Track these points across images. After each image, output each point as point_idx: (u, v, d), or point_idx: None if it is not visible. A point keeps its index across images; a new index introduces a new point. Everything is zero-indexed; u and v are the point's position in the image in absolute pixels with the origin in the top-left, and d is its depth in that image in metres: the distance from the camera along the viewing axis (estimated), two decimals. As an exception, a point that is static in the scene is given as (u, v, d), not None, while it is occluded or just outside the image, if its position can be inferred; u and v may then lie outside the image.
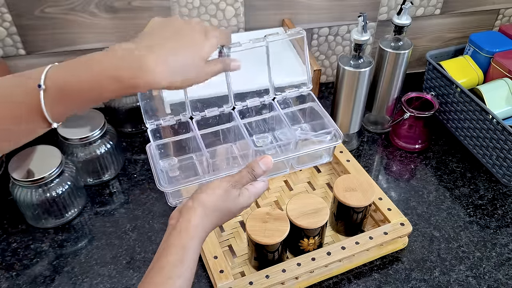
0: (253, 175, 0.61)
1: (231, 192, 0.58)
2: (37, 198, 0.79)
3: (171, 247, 0.54)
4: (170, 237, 0.55)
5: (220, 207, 0.58)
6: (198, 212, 0.56)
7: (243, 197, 0.60)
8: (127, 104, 0.98)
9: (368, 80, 0.90)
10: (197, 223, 0.55)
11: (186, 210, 0.56)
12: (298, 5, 1.04)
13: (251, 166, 0.61)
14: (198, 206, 0.56)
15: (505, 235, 0.83)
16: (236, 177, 0.60)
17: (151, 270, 0.53)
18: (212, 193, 0.58)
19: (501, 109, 0.94)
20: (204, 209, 0.56)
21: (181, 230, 0.55)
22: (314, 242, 0.75)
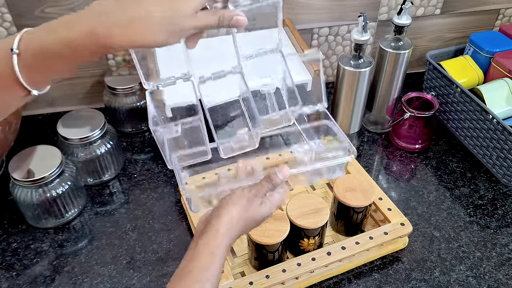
0: (272, 185, 0.63)
1: (253, 201, 0.61)
2: (37, 198, 0.78)
3: (200, 252, 0.56)
4: (199, 244, 0.57)
5: (245, 216, 0.60)
6: (225, 221, 0.58)
7: (265, 206, 0.61)
8: (127, 104, 0.98)
9: (368, 80, 0.90)
10: (224, 232, 0.57)
11: (214, 219, 0.58)
12: (298, 5, 1.04)
13: (269, 176, 0.63)
14: (225, 215, 0.58)
15: (505, 235, 0.83)
16: (257, 186, 0.62)
17: (179, 273, 0.55)
18: (237, 202, 0.60)
19: (501, 109, 0.94)
20: (231, 218, 0.58)
21: (209, 238, 0.57)
22: (314, 242, 0.75)
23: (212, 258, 0.55)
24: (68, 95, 1.07)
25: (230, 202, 0.60)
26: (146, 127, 1.04)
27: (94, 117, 0.88)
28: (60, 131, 0.85)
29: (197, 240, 0.58)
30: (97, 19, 0.46)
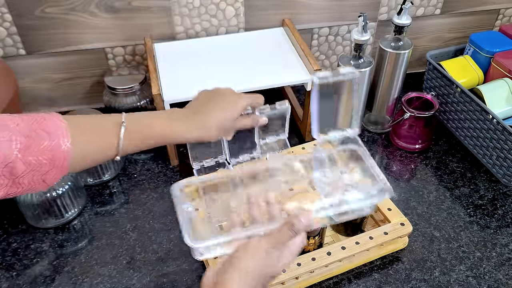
0: (294, 232, 0.54)
1: (272, 254, 0.53)
2: (37, 198, 0.78)
3: None
4: None
5: (261, 272, 0.52)
6: (236, 280, 0.50)
7: (285, 258, 0.54)
8: (127, 104, 0.98)
9: (368, 80, 0.90)
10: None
11: (222, 279, 0.51)
12: (298, 5, 1.04)
13: (291, 222, 0.54)
14: (237, 275, 0.51)
15: (505, 235, 0.83)
16: (276, 235, 0.54)
17: None
18: (251, 257, 0.52)
19: (501, 109, 0.94)
20: (244, 277, 0.51)
21: None
22: (314, 242, 0.75)
23: None
24: (68, 95, 1.07)
25: (244, 258, 0.52)
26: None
27: (94, 117, 0.87)
28: (60, 131, 0.85)
29: None
30: (180, 125, 0.64)
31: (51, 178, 0.58)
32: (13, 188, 0.56)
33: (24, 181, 0.56)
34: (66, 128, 0.57)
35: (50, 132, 0.56)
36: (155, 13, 0.98)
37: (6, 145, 0.53)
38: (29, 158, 0.54)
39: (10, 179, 0.54)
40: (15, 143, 0.53)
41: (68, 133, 0.57)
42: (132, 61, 1.05)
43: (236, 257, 0.52)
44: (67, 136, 0.57)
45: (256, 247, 0.53)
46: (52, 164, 0.56)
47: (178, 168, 0.95)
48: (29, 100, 1.05)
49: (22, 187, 0.56)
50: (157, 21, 0.99)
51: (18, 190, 0.56)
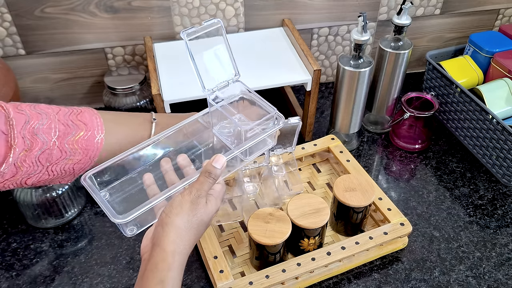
0: (212, 178, 0.57)
1: (198, 203, 0.55)
2: (37, 198, 0.79)
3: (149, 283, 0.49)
4: (147, 272, 0.50)
5: (193, 222, 0.54)
6: (173, 236, 0.51)
7: (211, 203, 0.56)
8: (127, 104, 0.98)
9: (368, 80, 0.90)
10: (174, 249, 0.51)
11: (157, 238, 0.52)
12: (298, 5, 1.04)
13: (207, 170, 0.57)
14: (171, 230, 0.52)
15: (505, 235, 0.83)
16: (196, 185, 0.56)
17: None
18: (180, 211, 0.53)
19: (501, 109, 0.94)
20: (177, 231, 0.52)
21: (157, 262, 0.50)
22: (314, 242, 0.75)
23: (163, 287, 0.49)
24: (68, 95, 1.07)
25: (172, 213, 0.53)
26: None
27: (94, 117, 0.88)
28: (60, 131, 0.85)
29: (144, 267, 0.51)
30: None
31: (80, 168, 0.60)
32: (45, 176, 0.58)
33: (56, 169, 0.58)
34: (101, 121, 0.61)
35: (86, 123, 0.60)
36: (155, 13, 0.98)
37: (46, 132, 0.56)
38: (65, 145, 0.57)
39: (45, 166, 0.57)
40: (54, 131, 0.57)
41: (103, 126, 0.60)
42: (132, 61, 1.05)
43: (165, 215, 0.53)
44: (102, 128, 0.60)
45: (181, 201, 0.54)
46: (85, 153, 0.59)
47: (178, 168, 0.95)
48: (29, 100, 1.04)
49: (53, 175, 0.59)
50: (157, 21, 0.99)
51: (48, 178, 0.59)
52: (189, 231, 0.53)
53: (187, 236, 0.53)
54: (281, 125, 0.64)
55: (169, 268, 0.50)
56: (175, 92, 0.86)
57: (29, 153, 0.55)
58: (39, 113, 0.58)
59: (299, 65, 0.94)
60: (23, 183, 0.58)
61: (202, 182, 0.56)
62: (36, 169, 0.56)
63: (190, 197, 0.55)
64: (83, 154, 0.59)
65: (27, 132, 0.55)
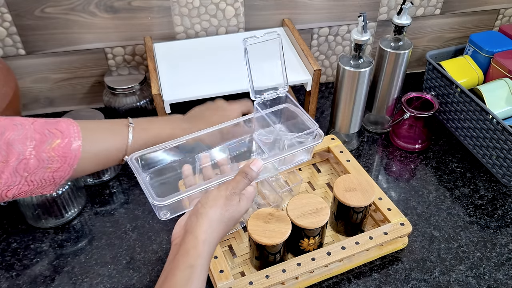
0: (248, 179, 0.60)
1: (232, 199, 0.58)
2: (37, 198, 0.78)
3: (179, 267, 0.52)
4: (178, 256, 0.53)
5: (225, 217, 0.57)
6: (205, 227, 0.55)
7: (243, 203, 0.60)
8: (127, 104, 0.98)
9: (368, 80, 0.90)
10: (205, 239, 0.54)
11: (191, 226, 0.55)
12: (298, 5, 1.04)
13: (244, 171, 0.60)
14: (204, 221, 0.55)
15: (505, 235, 0.83)
16: (233, 183, 0.59)
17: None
18: (214, 204, 0.57)
19: (501, 109, 0.94)
20: (210, 222, 0.55)
21: (188, 248, 0.53)
22: (314, 242, 0.75)
23: (192, 272, 0.52)
24: (68, 95, 1.07)
25: (207, 205, 0.56)
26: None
27: (94, 117, 0.88)
28: (60, 131, 0.85)
29: (175, 252, 0.54)
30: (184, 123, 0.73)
31: (60, 176, 0.61)
32: (25, 186, 0.59)
33: (35, 178, 0.59)
34: (78, 128, 0.61)
35: (63, 131, 0.60)
36: (155, 13, 0.98)
37: (21, 142, 0.57)
38: (42, 154, 0.58)
39: (23, 176, 0.57)
40: (29, 140, 0.58)
41: (79, 133, 0.61)
42: (132, 61, 1.05)
43: (201, 206, 0.57)
44: (79, 135, 0.61)
45: (217, 195, 0.58)
46: (64, 160, 0.60)
47: (178, 168, 0.95)
48: (29, 100, 1.05)
49: (33, 185, 0.59)
50: (157, 21, 0.99)
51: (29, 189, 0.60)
52: (220, 224, 0.56)
53: (218, 228, 0.56)
54: (320, 141, 0.67)
55: (199, 255, 0.53)
56: (175, 92, 0.86)
57: (5, 164, 0.56)
58: (15, 125, 0.58)
59: (299, 65, 0.94)
60: (3, 196, 0.58)
61: (238, 181, 0.60)
62: (15, 180, 0.57)
63: (226, 193, 0.58)
64: (61, 161, 0.60)
65: (2, 143, 0.56)
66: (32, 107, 1.07)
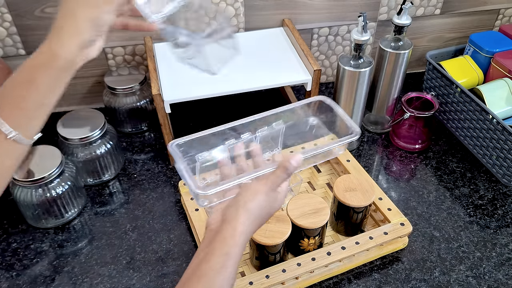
0: (287, 174, 0.59)
1: (271, 195, 0.58)
2: (37, 198, 0.78)
3: (214, 253, 0.52)
4: (214, 243, 0.53)
5: (262, 212, 0.57)
6: (243, 219, 0.55)
7: (279, 199, 0.59)
8: (127, 104, 0.98)
9: (368, 80, 0.90)
10: (242, 230, 0.54)
11: (230, 216, 0.55)
12: (298, 5, 1.04)
13: (284, 166, 0.58)
14: (243, 213, 0.55)
15: (505, 235, 0.83)
16: (272, 178, 0.58)
17: (191, 275, 0.52)
18: (254, 198, 0.56)
19: (501, 109, 0.94)
20: (249, 216, 0.55)
21: (226, 237, 0.53)
22: (314, 242, 0.75)
23: (227, 260, 0.52)
24: (68, 95, 1.07)
25: (248, 199, 0.56)
26: (146, 127, 1.04)
27: (94, 117, 0.88)
28: (60, 131, 0.85)
29: (211, 237, 0.54)
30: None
31: None
32: None
33: None
34: None
35: None
36: (155, 13, 0.98)
37: None
38: None
39: None
40: None
41: None
42: (132, 61, 1.05)
43: (241, 198, 0.56)
44: None
45: (257, 189, 0.57)
46: None
47: (178, 168, 0.95)
48: (29, 100, 1.05)
49: None
50: (157, 21, 0.99)
51: None
52: (257, 218, 0.56)
53: (255, 222, 0.56)
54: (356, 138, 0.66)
55: (235, 245, 0.53)
56: (175, 92, 0.86)
57: None
58: None
59: (299, 65, 0.94)
60: None
61: (278, 175, 0.58)
62: None
63: (266, 188, 0.57)
64: None
65: None
66: (32, 107, 1.07)
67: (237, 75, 0.91)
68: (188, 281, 0.52)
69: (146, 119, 1.03)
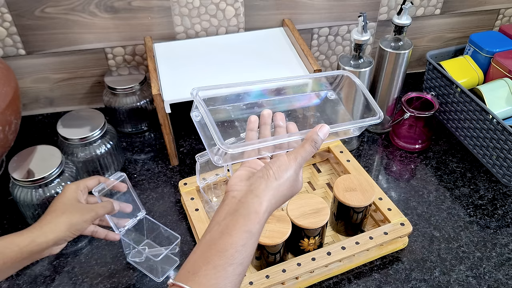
0: (316, 148, 0.55)
1: (298, 173, 0.55)
2: (37, 198, 0.78)
3: (237, 228, 0.50)
4: (237, 215, 0.50)
5: (289, 192, 0.54)
6: (270, 195, 0.52)
7: (300, 181, 0.56)
8: (127, 104, 0.98)
9: (368, 80, 0.90)
10: (267, 207, 0.52)
11: (258, 190, 0.52)
12: (298, 5, 1.04)
13: (313, 139, 0.55)
14: (271, 189, 0.52)
15: (505, 235, 0.83)
16: (302, 153, 0.54)
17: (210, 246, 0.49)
18: (284, 174, 0.53)
19: (501, 109, 0.94)
20: (276, 193, 0.53)
21: (250, 212, 0.51)
22: (314, 242, 0.75)
23: (249, 237, 0.50)
24: (68, 95, 1.07)
25: (278, 175, 0.53)
26: (146, 127, 1.04)
27: (94, 117, 0.88)
28: (60, 131, 0.85)
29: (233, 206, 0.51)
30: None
31: None
32: None
33: None
34: None
35: None
36: (155, 13, 0.98)
37: None
38: None
39: None
40: None
41: None
42: (132, 61, 1.05)
43: (272, 173, 0.53)
44: None
45: (289, 165, 0.54)
46: None
47: (178, 168, 0.95)
48: (29, 100, 1.05)
49: None
50: (157, 21, 0.99)
51: None
52: (282, 197, 0.54)
53: (279, 201, 0.54)
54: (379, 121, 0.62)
55: (258, 222, 0.51)
56: (175, 92, 0.86)
57: None
58: None
59: (299, 65, 0.94)
60: None
61: (307, 150, 0.55)
62: None
63: (295, 164, 0.54)
64: None
65: None
66: (32, 107, 1.07)
67: (237, 75, 0.91)
68: (208, 252, 0.49)
69: (146, 119, 1.03)
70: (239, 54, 0.97)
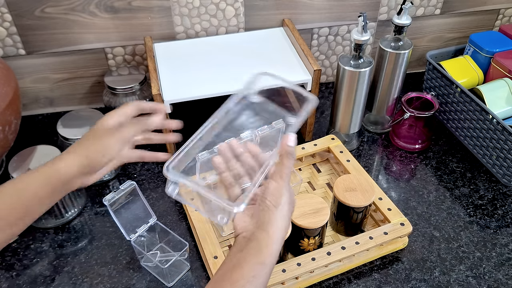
0: (293, 158, 0.55)
1: (290, 189, 0.55)
2: (37, 198, 0.78)
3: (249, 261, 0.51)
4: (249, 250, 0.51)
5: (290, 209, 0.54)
6: (277, 224, 0.52)
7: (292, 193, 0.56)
8: (127, 104, 0.98)
9: (368, 80, 0.90)
10: (278, 237, 0.52)
11: (263, 224, 0.52)
12: (298, 5, 1.04)
13: (287, 152, 0.54)
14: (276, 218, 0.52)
15: (505, 235, 0.83)
16: (284, 169, 0.54)
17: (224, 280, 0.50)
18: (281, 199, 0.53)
19: (501, 109, 0.94)
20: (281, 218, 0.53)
21: (261, 246, 0.51)
22: (314, 242, 0.75)
23: (262, 269, 0.50)
24: (68, 95, 1.07)
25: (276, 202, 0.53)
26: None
27: (94, 117, 0.88)
28: (60, 131, 0.85)
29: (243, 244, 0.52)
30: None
31: None
32: None
33: None
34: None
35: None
36: (155, 13, 0.98)
37: None
38: None
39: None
40: None
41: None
42: (132, 61, 1.05)
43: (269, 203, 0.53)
44: None
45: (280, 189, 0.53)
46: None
47: (178, 168, 0.95)
48: (29, 100, 1.05)
49: None
50: (157, 21, 0.99)
51: None
52: (287, 218, 0.54)
53: (286, 223, 0.54)
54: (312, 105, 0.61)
55: (271, 254, 0.52)
56: (175, 92, 0.86)
57: None
58: None
59: (299, 65, 0.94)
60: None
61: (287, 165, 0.54)
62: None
63: (284, 183, 0.54)
64: None
65: None
66: (32, 107, 1.07)
67: (237, 75, 0.91)
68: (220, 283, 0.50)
69: (146, 119, 1.02)
70: (239, 54, 0.97)
